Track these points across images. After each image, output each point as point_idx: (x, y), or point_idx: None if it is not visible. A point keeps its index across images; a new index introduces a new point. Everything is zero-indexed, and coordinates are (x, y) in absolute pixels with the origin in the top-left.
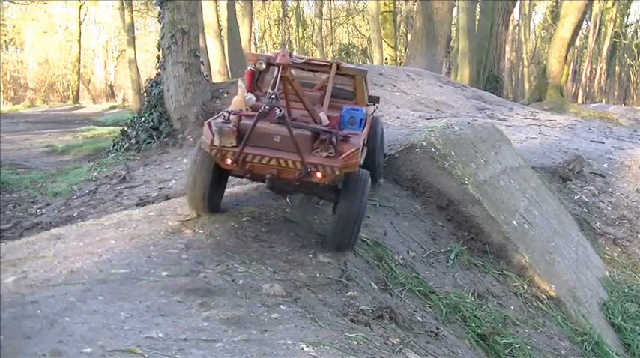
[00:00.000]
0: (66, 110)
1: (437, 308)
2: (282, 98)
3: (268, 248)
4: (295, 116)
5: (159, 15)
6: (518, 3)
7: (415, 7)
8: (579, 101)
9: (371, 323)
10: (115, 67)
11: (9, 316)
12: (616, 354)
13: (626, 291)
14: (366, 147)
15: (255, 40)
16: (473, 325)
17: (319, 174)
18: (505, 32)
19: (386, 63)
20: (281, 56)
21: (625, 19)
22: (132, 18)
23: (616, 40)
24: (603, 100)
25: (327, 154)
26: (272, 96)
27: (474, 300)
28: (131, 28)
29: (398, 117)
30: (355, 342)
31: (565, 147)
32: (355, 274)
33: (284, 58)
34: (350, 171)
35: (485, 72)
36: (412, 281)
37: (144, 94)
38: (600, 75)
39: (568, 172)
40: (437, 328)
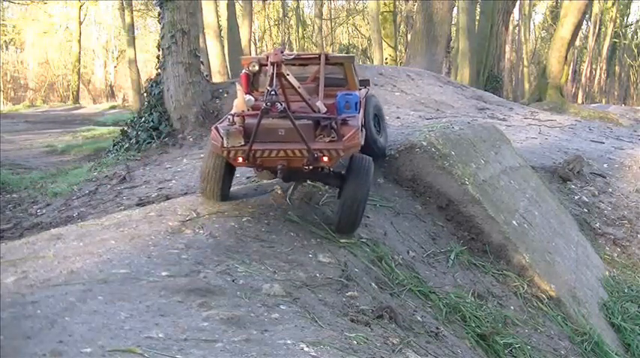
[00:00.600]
0: (66, 110)
1: (437, 308)
2: (280, 93)
3: (268, 248)
4: (295, 108)
5: (159, 15)
6: (518, 3)
7: (415, 7)
8: (579, 101)
9: (371, 323)
10: (115, 67)
11: (9, 316)
12: (616, 354)
13: (626, 291)
14: (364, 128)
15: (255, 40)
16: (473, 325)
17: (325, 158)
18: (505, 32)
19: (386, 63)
20: (274, 55)
21: (625, 19)
22: (132, 18)
23: (616, 40)
24: (603, 100)
25: (330, 139)
26: (271, 92)
27: (474, 300)
28: (131, 28)
29: (398, 117)
30: (355, 342)
31: (565, 147)
32: (355, 274)
33: (277, 56)
34: (353, 151)
35: (485, 72)
36: (412, 281)
37: (144, 94)
38: (600, 75)
39: (568, 172)
40: (437, 328)
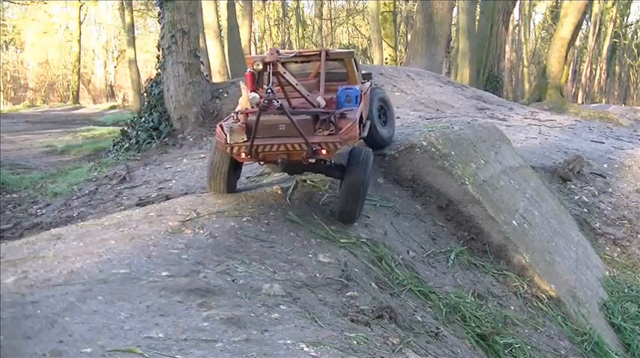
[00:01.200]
0: (66, 110)
1: (437, 308)
2: (279, 91)
3: (268, 248)
4: (295, 104)
5: (159, 15)
6: (518, 3)
7: (415, 7)
8: (579, 101)
9: (371, 323)
10: (115, 67)
11: (9, 316)
12: (616, 354)
13: (626, 291)
14: (368, 120)
15: (255, 40)
16: (473, 325)
17: (324, 151)
18: (505, 32)
19: (386, 63)
20: (270, 54)
21: (625, 19)
22: (132, 18)
23: (616, 40)
24: (603, 100)
25: (329, 132)
26: (268, 90)
27: (474, 300)
28: (131, 28)
29: (398, 117)
30: (355, 342)
31: (565, 147)
32: (355, 274)
33: (273, 56)
34: (351, 143)
35: (485, 72)
36: (412, 281)
37: (144, 94)
38: (600, 75)
39: (568, 172)
40: (437, 328)
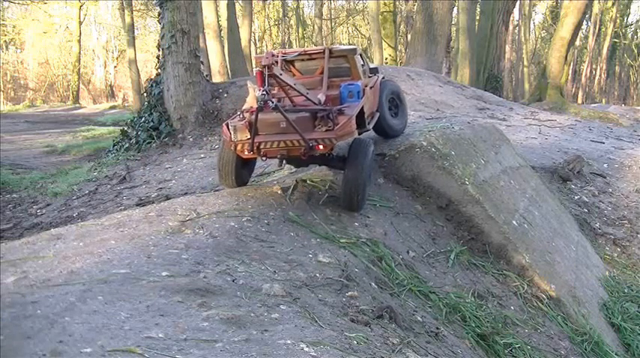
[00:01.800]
0: (66, 110)
1: (437, 308)
2: (281, 91)
3: (268, 248)
4: (298, 102)
5: (159, 15)
6: (518, 3)
7: (415, 7)
8: (579, 101)
9: (371, 323)
10: (115, 67)
11: (9, 316)
12: (616, 354)
13: (626, 291)
14: (378, 113)
15: (255, 40)
16: (473, 325)
17: (321, 146)
18: (505, 32)
19: (386, 63)
20: (265, 58)
21: (625, 19)
22: (132, 18)
23: (616, 40)
24: (603, 100)
25: (327, 128)
26: (263, 92)
27: (474, 300)
28: (131, 28)
29: None
30: (355, 342)
31: (565, 147)
32: (355, 274)
33: (267, 60)
34: (347, 138)
35: (485, 72)
36: (412, 281)
37: (144, 94)
38: (600, 75)
39: (568, 172)
40: (437, 328)
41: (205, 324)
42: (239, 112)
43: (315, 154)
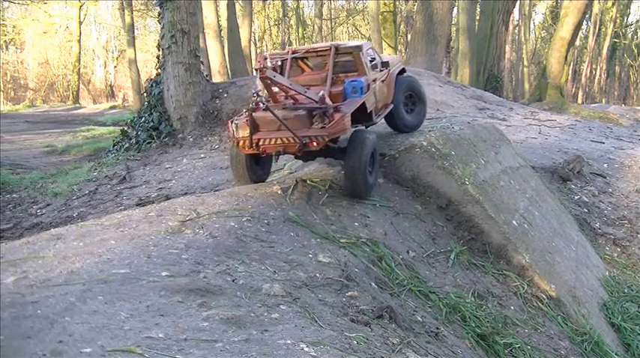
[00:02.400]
0: (66, 110)
1: (437, 308)
2: (279, 90)
3: (268, 248)
4: (301, 100)
5: (159, 15)
6: (518, 3)
7: (415, 7)
8: (579, 101)
9: (371, 323)
10: (115, 67)
11: (9, 316)
12: (616, 354)
13: (626, 291)
14: (392, 105)
15: (255, 40)
16: (473, 325)
17: (314, 143)
18: (505, 32)
19: None
20: (257, 62)
21: (625, 19)
22: (132, 18)
23: (616, 40)
24: (603, 100)
25: (322, 126)
26: (254, 94)
27: (474, 300)
28: (131, 28)
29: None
30: (355, 342)
31: (565, 147)
32: (355, 274)
33: (259, 64)
34: (340, 134)
35: (485, 72)
36: (412, 281)
37: (144, 94)
38: (600, 75)
39: (568, 172)
40: (437, 328)
41: (205, 324)
42: (245, 110)
43: (309, 150)
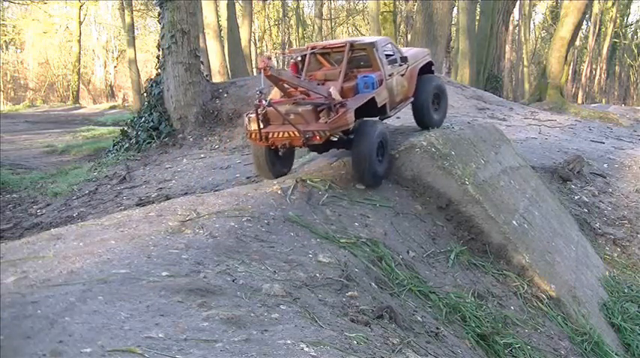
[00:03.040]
0: (66, 110)
1: (437, 308)
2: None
3: (268, 248)
4: (313, 95)
5: (159, 15)
6: (518, 3)
7: (415, 7)
8: (579, 101)
9: (371, 323)
10: (115, 67)
11: (9, 316)
12: (616, 354)
13: (626, 291)
14: (412, 98)
15: (255, 40)
16: (473, 325)
17: (317, 137)
18: (505, 32)
19: None
20: (261, 61)
21: (625, 19)
22: (132, 18)
23: (616, 40)
24: (603, 100)
25: (326, 120)
26: (257, 92)
27: (474, 300)
28: (131, 28)
29: (398, 117)
30: (355, 342)
31: (565, 147)
32: (355, 274)
33: (262, 63)
34: (343, 129)
35: (485, 72)
36: (412, 281)
37: (144, 94)
38: (600, 75)
39: (568, 172)
40: (437, 328)
41: (205, 324)
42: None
43: (312, 144)
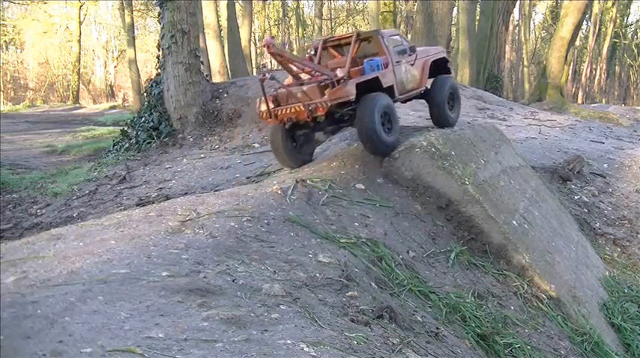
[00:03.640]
0: (66, 110)
1: (437, 308)
2: (293, 67)
3: (268, 248)
4: (319, 77)
5: (159, 15)
6: (518, 3)
7: (415, 7)
8: (579, 101)
9: (371, 323)
10: (115, 67)
11: (9, 316)
12: (616, 354)
13: (626, 291)
14: (422, 88)
15: (255, 40)
16: (473, 325)
17: (320, 109)
18: (505, 32)
19: None
20: (265, 41)
21: (625, 19)
22: (132, 18)
23: (616, 40)
24: (603, 100)
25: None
26: (262, 67)
27: (474, 300)
28: (131, 28)
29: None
30: (355, 342)
31: (565, 147)
32: (355, 274)
33: (266, 41)
34: (342, 101)
35: (485, 72)
36: (412, 281)
37: (144, 94)
38: (600, 75)
39: (568, 172)
40: (437, 328)
41: (205, 324)
42: (273, 90)
43: (316, 116)
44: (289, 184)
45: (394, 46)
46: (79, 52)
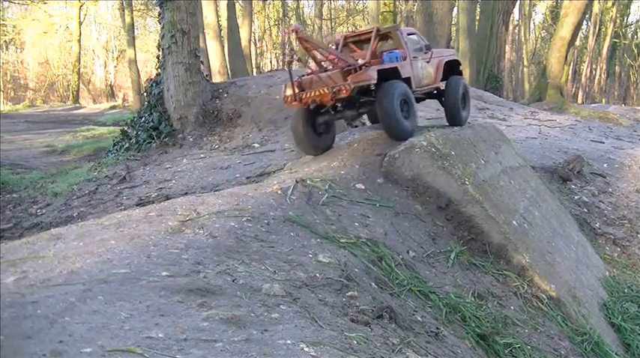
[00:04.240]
0: (66, 110)
1: (437, 308)
2: (307, 52)
3: (268, 248)
4: (340, 64)
5: (159, 15)
6: (518, 3)
7: (415, 7)
8: (579, 101)
9: (371, 323)
10: (115, 67)
11: (9, 316)
12: (616, 354)
13: (626, 291)
14: (437, 85)
15: (255, 40)
16: (473, 325)
17: (344, 91)
18: (505, 32)
19: None
20: (293, 26)
21: (625, 19)
22: (132, 18)
23: (616, 40)
24: (603, 100)
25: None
26: (288, 48)
27: (474, 300)
28: (131, 28)
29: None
30: (355, 342)
31: (565, 147)
32: (355, 274)
33: (295, 27)
34: (363, 84)
35: (485, 72)
36: (412, 281)
37: (144, 94)
38: (600, 75)
39: (568, 172)
40: (437, 328)
41: (205, 324)
42: (298, 76)
43: (340, 97)
44: (289, 184)
45: (412, 43)
46: (79, 52)
